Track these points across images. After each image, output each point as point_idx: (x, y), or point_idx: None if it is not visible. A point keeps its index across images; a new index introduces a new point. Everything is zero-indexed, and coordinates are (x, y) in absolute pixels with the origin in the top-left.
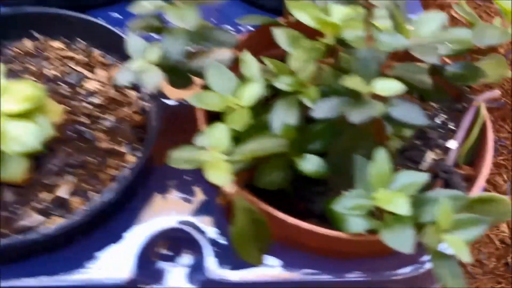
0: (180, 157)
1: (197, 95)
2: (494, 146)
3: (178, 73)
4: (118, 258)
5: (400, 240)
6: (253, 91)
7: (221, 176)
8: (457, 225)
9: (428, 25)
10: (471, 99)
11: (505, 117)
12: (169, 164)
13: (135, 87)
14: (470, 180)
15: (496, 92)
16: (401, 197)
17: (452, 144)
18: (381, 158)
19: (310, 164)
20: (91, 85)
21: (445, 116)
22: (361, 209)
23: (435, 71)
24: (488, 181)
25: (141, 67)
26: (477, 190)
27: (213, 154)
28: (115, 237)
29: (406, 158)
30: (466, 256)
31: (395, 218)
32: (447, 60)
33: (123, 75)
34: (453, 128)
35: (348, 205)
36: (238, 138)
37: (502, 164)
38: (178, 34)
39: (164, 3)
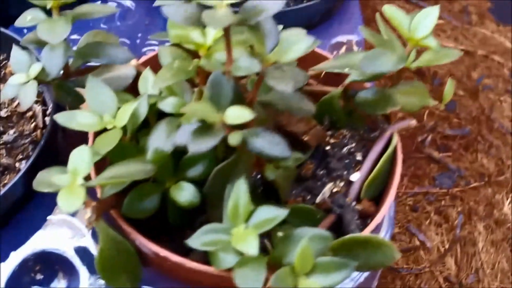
0: (43, 180)
1: (67, 113)
2: (452, 177)
3: (65, 90)
4: None
5: (249, 282)
6: (128, 111)
7: (71, 202)
8: (317, 269)
9: (294, 47)
10: (385, 128)
11: (468, 146)
12: (34, 187)
13: (43, 102)
14: (369, 217)
15: (412, 122)
16: (252, 234)
17: (355, 176)
18: (241, 190)
19: (185, 192)
20: None
21: (354, 146)
22: (217, 245)
23: (347, 96)
24: (440, 213)
25: (21, 82)
26: (371, 229)
27: (69, 179)
28: None
29: (305, 189)
30: None
31: (251, 257)
32: (366, 85)
33: (6, 90)
34: (361, 158)
35: (204, 241)
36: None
37: (457, 196)
38: (56, 49)
39: (43, 16)
